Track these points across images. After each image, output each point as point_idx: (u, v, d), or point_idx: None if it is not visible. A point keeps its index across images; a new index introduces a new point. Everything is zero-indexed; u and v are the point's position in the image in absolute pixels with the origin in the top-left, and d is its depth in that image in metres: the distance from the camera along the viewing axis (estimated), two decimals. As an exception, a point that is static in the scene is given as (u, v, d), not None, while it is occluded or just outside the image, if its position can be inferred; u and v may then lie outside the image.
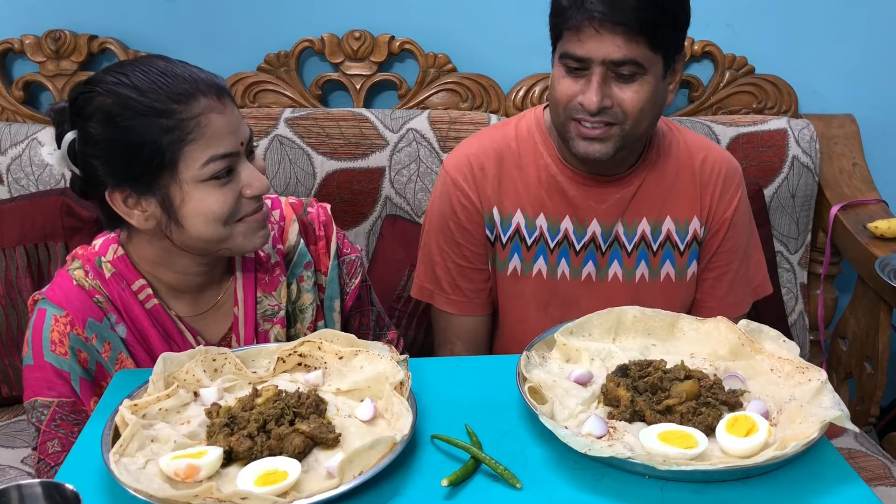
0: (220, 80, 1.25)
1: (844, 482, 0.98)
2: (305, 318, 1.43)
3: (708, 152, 1.61)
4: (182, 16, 2.13)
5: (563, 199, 1.57)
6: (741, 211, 1.61)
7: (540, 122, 1.59)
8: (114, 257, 1.32)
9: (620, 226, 1.58)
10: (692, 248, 1.60)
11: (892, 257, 1.88)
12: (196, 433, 1.04)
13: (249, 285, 1.38)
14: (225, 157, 1.21)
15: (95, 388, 1.29)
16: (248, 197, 1.25)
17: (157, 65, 1.22)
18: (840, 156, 2.18)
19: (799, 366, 1.12)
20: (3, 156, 1.99)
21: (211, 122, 1.20)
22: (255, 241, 1.29)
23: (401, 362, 1.13)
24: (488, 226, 1.60)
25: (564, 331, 1.22)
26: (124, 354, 1.31)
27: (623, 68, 1.38)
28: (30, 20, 2.09)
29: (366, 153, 2.03)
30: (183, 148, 1.19)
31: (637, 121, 1.42)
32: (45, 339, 1.27)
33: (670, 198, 1.58)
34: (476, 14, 2.14)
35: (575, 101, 1.42)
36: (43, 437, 1.28)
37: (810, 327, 2.21)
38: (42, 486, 0.87)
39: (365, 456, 0.96)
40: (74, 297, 1.29)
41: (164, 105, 1.17)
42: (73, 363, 1.27)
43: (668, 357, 1.18)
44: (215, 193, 1.22)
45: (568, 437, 0.99)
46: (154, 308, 1.32)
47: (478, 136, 1.66)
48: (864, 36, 2.19)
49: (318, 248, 1.45)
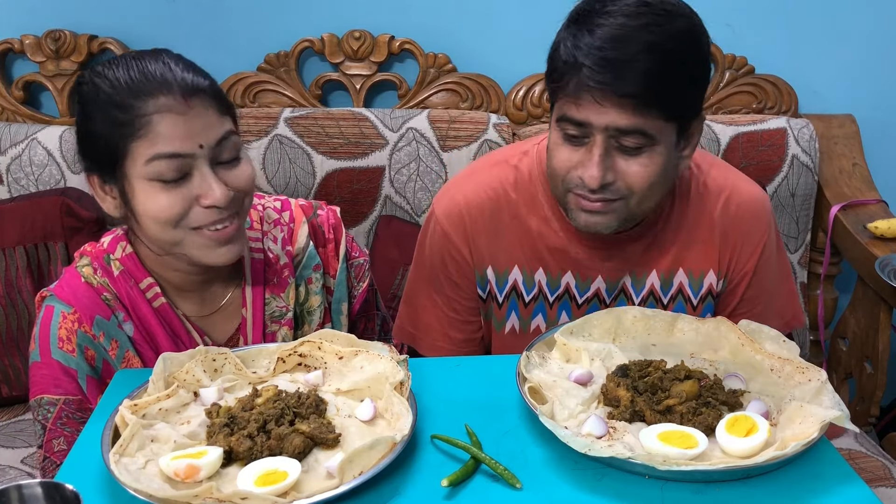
0: (198, 82, 1.20)
1: (844, 482, 0.98)
2: (313, 320, 1.43)
3: (731, 193, 1.42)
4: (182, 16, 2.13)
5: (564, 257, 1.42)
6: (766, 256, 1.44)
7: (543, 166, 1.39)
8: (122, 255, 1.32)
9: (628, 279, 1.44)
10: (706, 301, 1.45)
11: (892, 257, 1.88)
12: (196, 433, 1.04)
13: (258, 286, 1.37)
14: (171, 157, 1.17)
15: (102, 386, 1.28)
16: (203, 206, 1.20)
17: (145, 61, 1.21)
18: (840, 156, 2.18)
19: (799, 366, 1.12)
20: (3, 156, 1.99)
21: (163, 120, 1.16)
22: (212, 257, 1.24)
23: (401, 362, 1.13)
24: (480, 285, 1.47)
25: (564, 331, 1.22)
26: (131, 353, 1.31)
27: (628, 139, 1.20)
28: (30, 20, 2.09)
29: (366, 153, 2.03)
30: (130, 143, 1.17)
31: (644, 197, 1.27)
32: (52, 336, 1.26)
33: (685, 250, 1.42)
34: (476, 14, 2.14)
35: (574, 174, 1.26)
36: (49, 436, 1.28)
37: (810, 327, 2.21)
38: (42, 486, 0.87)
39: (365, 456, 0.96)
40: (83, 294, 1.28)
41: (122, 99, 1.17)
42: (81, 361, 1.27)
43: (668, 357, 1.18)
44: (161, 195, 1.19)
45: (568, 437, 0.99)
46: (162, 307, 1.32)
47: (473, 178, 1.47)
48: (864, 36, 2.19)
49: (328, 251, 1.44)
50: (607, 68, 1.16)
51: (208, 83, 1.23)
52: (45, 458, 1.29)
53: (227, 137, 1.21)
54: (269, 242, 1.39)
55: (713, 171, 1.44)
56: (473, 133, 2.02)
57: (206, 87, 1.21)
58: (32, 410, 1.29)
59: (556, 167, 1.29)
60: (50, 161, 1.98)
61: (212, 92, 1.22)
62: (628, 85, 1.16)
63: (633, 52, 1.16)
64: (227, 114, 1.24)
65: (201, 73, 1.23)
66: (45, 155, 1.99)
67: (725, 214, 1.42)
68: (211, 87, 1.23)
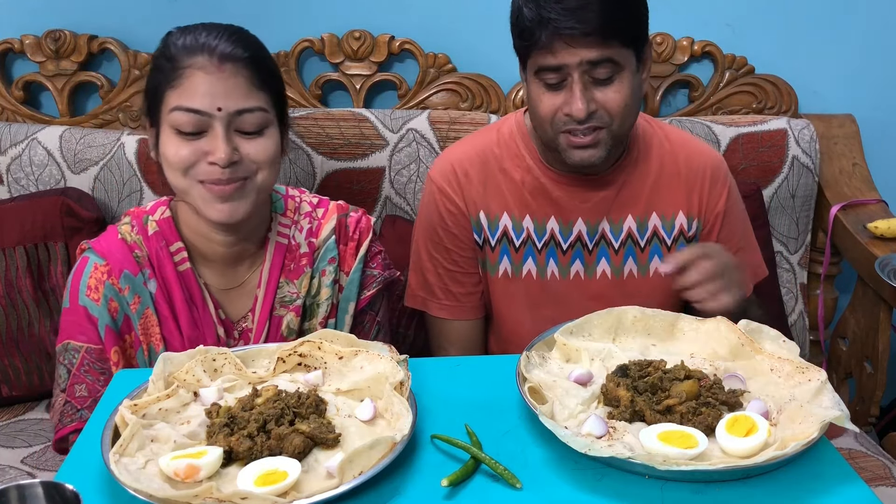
0: (238, 52, 1.31)
1: (844, 482, 0.98)
2: (320, 312, 1.48)
3: (690, 150, 1.62)
4: (182, 16, 2.11)
5: (548, 201, 1.58)
6: (732, 201, 1.63)
7: (521, 126, 1.60)
8: (160, 217, 1.42)
9: (606, 223, 1.59)
10: (679, 242, 1.61)
11: (892, 257, 1.88)
12: (196, 433, 1.04)
13: (275, 269, 1.45)
14: (189, 111, 1.28)
15: (118, 339, 1.37)
16: (208, 162, 1.29)
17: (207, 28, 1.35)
18: (840, 156, 2.18)
19: (799, 366, 1.12)
20: (3, 156, 1.99)
21: (193, 76, 1.29)
22: (211, 212, 1.33)
23: (401, 362, 1.13)
24: (476, 229, 1.60)
25: (564, 331, 1.22)
26: (150, 310, 1.39)
27: (600, 70, 1.38)
28: (30, 20, 2.09)
29: (366, 153, 2.03)
30: (165, 91, 1.31)
31: (623, 119, 1.43)
32: (82, 283, 1.37)
33: (655, 194, 1.59)
34: (476, 14, 2.14)
35: (560, 114, 1.42)
36: (72, 381, 1.36)
37: (810, 327, 2.21)
38: (42, 486, 0.87)
39: (365, 456, 0.96)
40: (116, 249, 1.39)
41: (172, 53, 1.32)
42: (104, 310, 1.36)
43: (668, 357, 1.18)
44: (177, 143, 1.30)
45: (568, 437, 0.99)
46: (186, 272, 1.41)
47: (460, 143, 1.68)
48: (864, 36, 2.19)
49: (348, 249, 1.50)
50: (571, 14, 1.34)
51: (249, 55, 1.33)
52: (66, 402, 1.36)
53: (251, 110, 1.31)
54: (294, 231, 1.47)
55: (672, 133, 1.64)
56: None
57: (245, 58, 1.32)
58: (58, 355, 1.38)
59: (543, 114, 1.44)
60: (50, 161, 1.98)
61: (250, 64, 1.32)
62: (591, 23, 1.34)
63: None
64: (263, 89, 1.33)
65: (249, 46, 1.34)
66: (45, 155, 1.99)
67: (689, 164, 1.60)
68: (251, 59, 1.33)
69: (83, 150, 1.99)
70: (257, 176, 1.34)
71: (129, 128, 2.09)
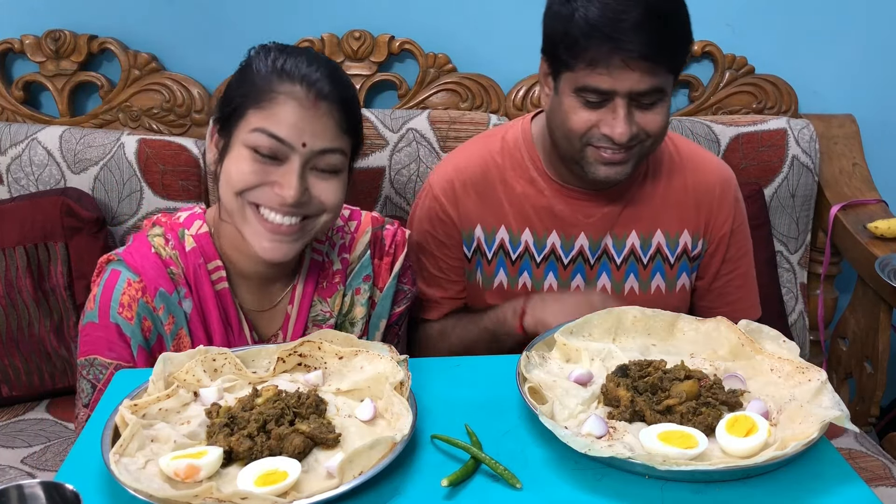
0: (335, 93, 1.25)
1: (844, 482, 0.98)
2: (354, 331, 1.43)
3: (699, 164, 1.59)
4: (182, 15, 2.13)
5: (550, 215, 1.55)
6: (739, 222, 1.61)
7: (527, 135, 1.57)
8: (197, 232, 1.35)
9: (609, 239, 1.56)
10: (682, 260, 1.59)
11: (892, 257, 1.88)
12: (196, 433, 1.04)
13: (308, 287, 1.41)
14: (273, 137, 1.23)
15: (150, 359, 1.29)
16: (274, 192, 1.25)
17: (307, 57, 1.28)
18: (840, 156, 2.18)
19: (799, 366, 1.12)
20: (3, 156, 1.99)
21: (285, 104, 1.23)
22: (265, 248, 1.28)
23: (401, 362, 1.13)
24: (466, 243, 1.59)
25: (564, 331, 1.22)
26: (184, 331, 1.33)
27: (646, 98, 1.36)
28: (30, 20, 2.09)
29: (366, 153, 2.03)
30: (249, 108, 1.25)
31: (658, 139, 1.43)
32: (114, 300, 1.29)
33: (661, 211, 1.56)
34: (476, 14, 2.14)
35: (596, 131, 1.38)
36: (97, 396, 1.29)
37: (810, 327, 2.21)
38: (42, 486, 0.87)
39: (365, 456, 0.96)
40: (151, 265, 1.32)
41: (266, 74, 1.26)
42: (136, 330, 1.30)
43: (668, 357, 1.18)
44: (247, 162, 1.25)
45: (568, 437, 0.99)
46: (223, 292, 1.35)
47: (464, 149, 1.65)
48: (864, 36, 2.19)
49: (383, 264, 1.47)
50: (633, 34, 1.28)
51: (343, 98, 1.27)
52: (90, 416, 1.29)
53: (332, 151, 1.26)
54: (328, 247, 1.43)
55: (682, 146, 1.61)
56: (474, 133, 2.02)
57: (339, 100, 1.26)
58: (81, 369, 1.32)
59: (576, 128, 1.39)
60: (50, 161, 1.98)
61: (343, 107, 1.27)
62: (651, 46, 1.29)
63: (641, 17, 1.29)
64: (348, 133, 1.29)
65: (346, 89, 1.29)
66: (45, 155, 1.99)
67: (697, 181, 1.57)
68: (345, 102, 1.27)
69: (83, 150, 1.99)
70: (321, 218, 1.30)
71: (129, 128, 2.09)
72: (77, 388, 1.34)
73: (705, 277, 1.62)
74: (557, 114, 1.42)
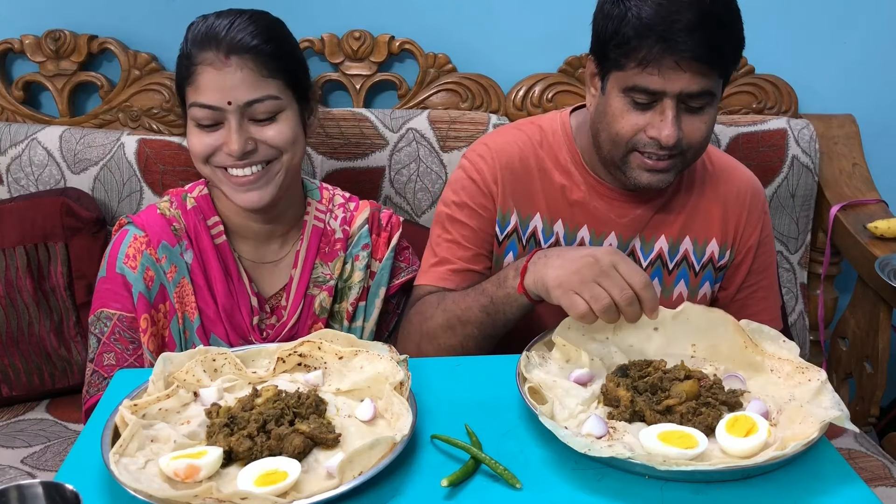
0: (245, 43, 1.35)
1: (844, 482, 0.98)
2: (351, 294, 1.54)
3: (731, 174, 1.58)
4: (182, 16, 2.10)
5: (583, 210, 1.53)
6: (766, 232, 1.60)
7: (567, 129, 1.54)
8: (198, 195, 1.50)
9: (638, 241, 1.55)
10: (706, 269, 1.58)
11: (892, 257, 1.88)
12: (196, 433, 1.04)
13: (311, 251, 1.52)
14: (203, 107, 1.35)
15: (150, 307, 1.42)
16: (224, 153, 1.37)
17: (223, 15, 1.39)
18: (840, 156, 2.18)
19: (799, 366, 1.12)
20: (3, 156, 1.99)
21: (203, 73, 1.35)
22: (238, 199, 1.40)
23: (401, 362, 1.13)
24: (500, 224, 1.54)
25: (563, 325, 1.21)
26: (186, 280, 1.45)
27: (696, 101, 1.33)
28: (30, 20, 2.09)
29: (366, 153, 2.03)
30: (186, 87, 1.39)
31: (701, 149, 1.41)
32: (121, 253, 1.43)
33: (691, 218, 1.55)
34: (476, 14, 2.14)
35: (643, 135, 1.36)
36: (102, 349, 1.41)
37: (810, 327, 2.21)
38: (42, 486, 0.88)
39: (365, 456, 0.96)
40: (155, 221, 1.45)
41: (188, 48, 1.38)
42: (139, 278, 1.41)
43: (669, 348, 1.17)
44: (196, 135, 1.39)
45: (568, 438, 0.99)
46: (222, 245, 1.48)
47: (501, 133, 1.60)
48: (864, 36, 2.19)
49: (380, 239, 1.58)
50: (688, 35, 1.27)
51: (256, 44, 1.35)
52: (93, 371, 1.40)
53: (261, 100, 1.36)
54: (329, 218, 1.55)
55: (715, 156, 1.60)
56: (474, 133, 2.02)
57: (252, 48, 1.35)
58: (91, 325, 1.43)
59: (623, 132, 1.37)
60: (50, 161, 1.98)
61: (257, 55, 1.36)
62: (706, 48, 1.28)
63: (696, 18, 1.28)
64: (273, 76, 1.37)
65: (258, 35, 1.36)
66: (45, 155, 1.99)
67: (728, 190, 1.56)
68: (258, 48, 1.36)
69: (83, 150, 1.99)
70: (282, 158, 1.41)
71: (129, 128, 2.09)
72: (88, 345, 1.44)
73: (729, 288, 1.61)
74: (604, 116, 1.40)
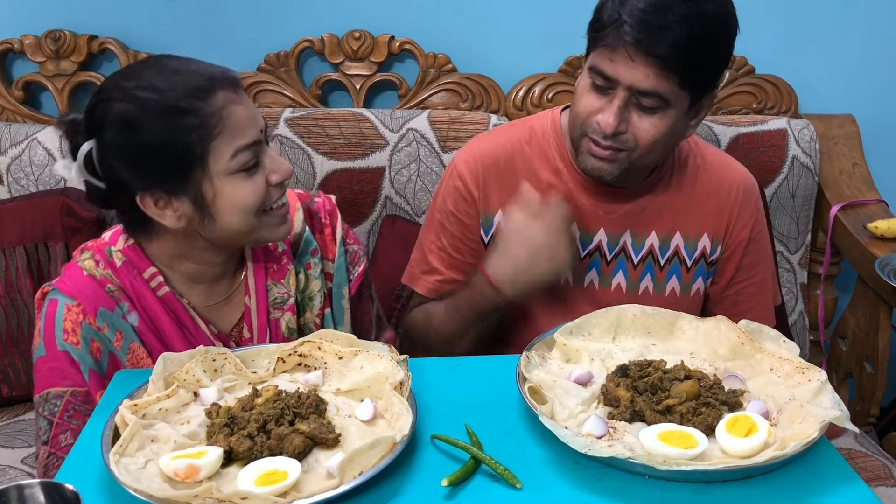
0: (233, 73, 1.25)
1: (844, 482, 0.98)
2: (314, 305, 1.44)
3: (723, 170, 1.58)
4: (182, 16, 2.13)
5: (572, 207, 1.52)
6: (759, 228, 1.60)
7: (556, 126, 1.56)
8: (124, 246, 1.32)
9: (628, 237, 1.56)
10: (699, 264, 1.58)
11: (892, 257, 1.88)
12: (196, 433, 1.04)
13: (260, 275, 1.39)
14: (250, 146, 1.23)
15: (104, 380, 1.27)
16: (273, 184, 1.26)
17: (170, 64, 1.22)
18: (840, 156, 2.18)
19: (799, 366, 1.12)
20: (3, 156, 1.99)
21: (233, 113, 1.21)
22: (278, 233, 1.31)
23: (401, 362, 1.13)
24: (484, 227, 1.57)
25: (564, 330, 1.22)
26: (136, 344, 1.31)
27: (646, 99, 1.35)
28: (30, 20, 2.09)
29: (366, 153, 2.03)
30: (210, 143, 1.20)
31: (647, 152, 1.40)
32: (57, 328, 1.26)
33: (682, 213, 1.56)
34: (476, 14, 2.14)
35: (592, 120, 1.39)
36: (56, 430, 1.26)
37: (810, 327, 2.21)
38: (42, 486, 0.87)
39: (365, 456, 0.96)
40: (85, 286, 1.29)
41: (186, 103, 1.18)
42: (85, 353, 1.27)
43: (668, 357, 1.18)
44: (246, 184, 1.24)
45: (568, 438, 0.99)
46: (166, 296, 1.32)
47: (491, 134, 1.64)
48: (864, 36, 2.19)
49: (325, 237, 1.47)
50: (643, 28, 1.30)
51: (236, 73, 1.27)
52: (49, 454, 1.28)
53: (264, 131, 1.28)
54: None
55: (709, 154, 1.61)
56: (474, 134, 2.02)
57: (238, 77, 1.27)
58: (37, 406, 1.28)
59: (580, 111, 1.41)
60: (50, 161, 1.98)
61: (241, 80, 1.28)
62: (658, 47, 1.30)
63: (668, 20, 1.30)
64: None
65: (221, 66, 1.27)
66: (45, 155, 1.99)
67: (720, 187, 1.57)
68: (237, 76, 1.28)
69: (83, 150, 1.98)
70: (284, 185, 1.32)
71: (129, 128, 2.09)
72: (35, 429, 1.31)
73: (719, 283, 1.61)
74: (575, 94, 1.45)
